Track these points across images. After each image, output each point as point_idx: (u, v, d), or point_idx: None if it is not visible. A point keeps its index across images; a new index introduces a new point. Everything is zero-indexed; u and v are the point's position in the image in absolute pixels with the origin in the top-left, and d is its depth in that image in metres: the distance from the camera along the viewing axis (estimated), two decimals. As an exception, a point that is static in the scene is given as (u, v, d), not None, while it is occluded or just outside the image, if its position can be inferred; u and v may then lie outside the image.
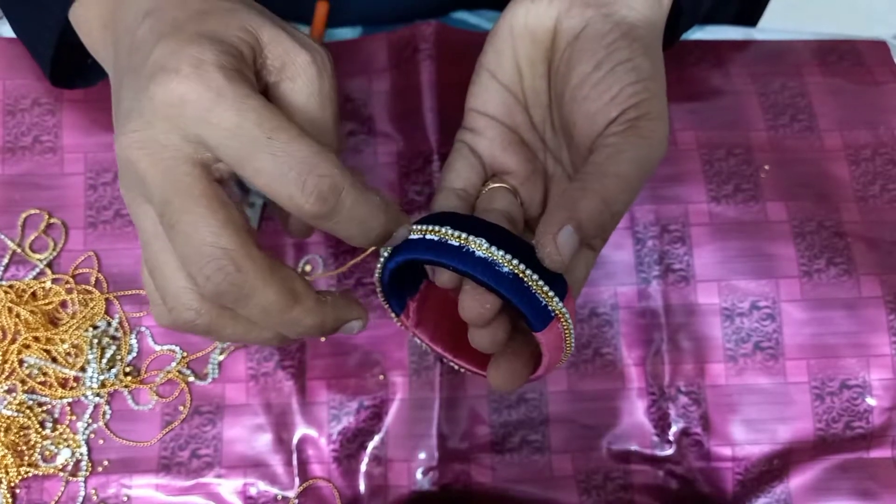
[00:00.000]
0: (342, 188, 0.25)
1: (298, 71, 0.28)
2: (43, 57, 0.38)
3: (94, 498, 0.40)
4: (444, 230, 0.27)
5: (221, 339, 0.30)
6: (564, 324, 0.28)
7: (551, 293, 0.27)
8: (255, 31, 0.28)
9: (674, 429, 0.42)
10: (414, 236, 0.28)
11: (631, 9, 0.32)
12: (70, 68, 0.40)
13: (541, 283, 0.27)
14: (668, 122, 0.30)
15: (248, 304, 0.26)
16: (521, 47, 0.33)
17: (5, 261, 0.43)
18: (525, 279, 0.27)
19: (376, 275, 0.31)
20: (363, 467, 0.41)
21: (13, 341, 0.41)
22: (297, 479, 0.41)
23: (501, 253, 0.26)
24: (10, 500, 0.40)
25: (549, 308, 0.27)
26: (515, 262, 0.27)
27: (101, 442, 0.41)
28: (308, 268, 0.44)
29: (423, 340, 0.34)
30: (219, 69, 0.25)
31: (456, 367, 0.35)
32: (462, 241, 0.27)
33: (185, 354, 0.42)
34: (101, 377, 0.41)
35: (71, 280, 0.43)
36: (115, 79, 0.30)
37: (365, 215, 0.26)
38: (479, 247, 0.27)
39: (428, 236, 0.27)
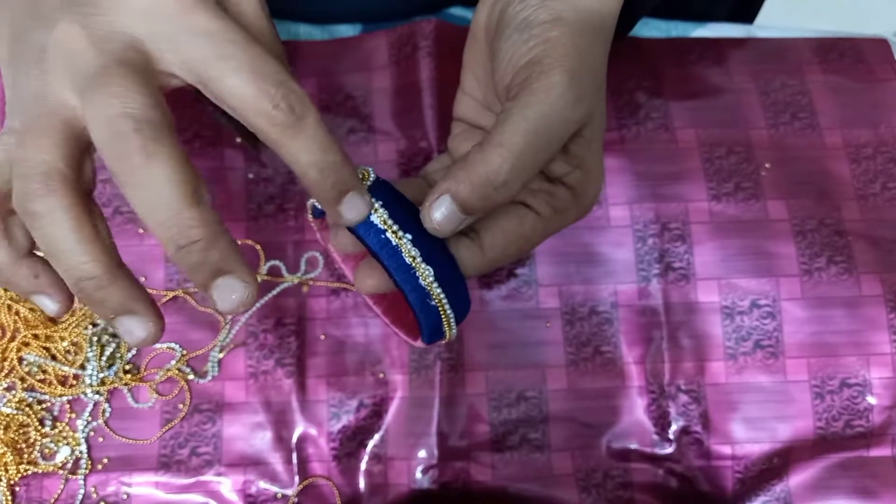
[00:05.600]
0: (308, 106, 0.26)
1: None
2: None
3: (94, 496, 0.40)
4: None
5: None
6: (439, 304, 0.29)
7: (427, 271, 0.28)
8: None
9: (674, 427, 0.42)
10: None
11: None
12: None
13: (418, 259, 0.28)
14: (586, 63, 0.29)
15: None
16: (470, 53, 0.34)
17: (4, 258, 0.43)
18: (402, 249, 0.28)
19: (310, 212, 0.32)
20: (363, 465, 0.41)
21: (12, 339, 0.41)
22: (296, 478, 0.41)
23: (396, 226, 0.28)
24: (9, 498, 0.40)
25: (423, 285, 0.29)
26: (400, 233, 0.28)
27: (100, 440, 0.41)
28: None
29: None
30: None
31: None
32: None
33: (184, 352, 0.42)
34: (101, 375, 0.41)
35: (70, 278, 0.43)
36: None
37: (325, 142, 0.26)
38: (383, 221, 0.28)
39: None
